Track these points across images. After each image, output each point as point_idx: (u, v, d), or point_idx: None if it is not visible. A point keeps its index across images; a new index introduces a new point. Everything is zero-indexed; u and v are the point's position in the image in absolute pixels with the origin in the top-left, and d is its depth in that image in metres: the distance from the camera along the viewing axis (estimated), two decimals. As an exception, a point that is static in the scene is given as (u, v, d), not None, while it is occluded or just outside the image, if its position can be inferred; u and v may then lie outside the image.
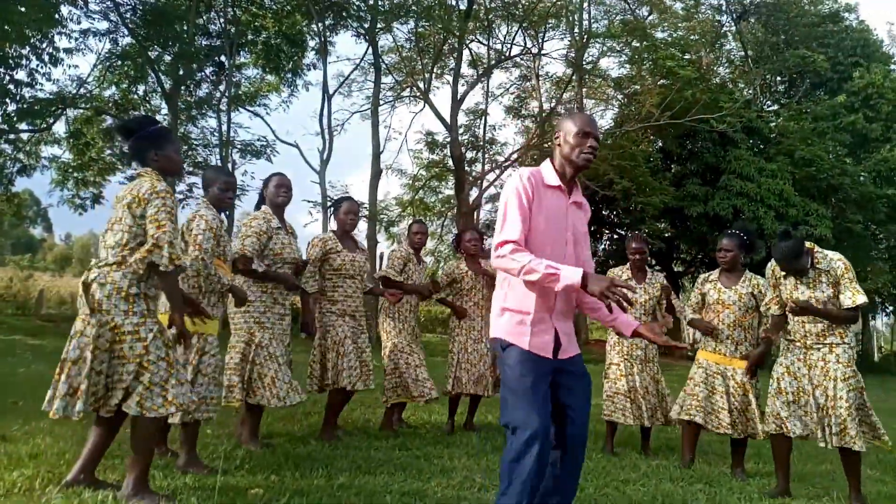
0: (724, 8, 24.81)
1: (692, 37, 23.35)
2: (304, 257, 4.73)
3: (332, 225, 5.15)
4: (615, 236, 24.36)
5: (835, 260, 3.86)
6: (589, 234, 2.77)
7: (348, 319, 4.80)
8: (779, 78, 26.62)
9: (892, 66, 27.08)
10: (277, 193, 4.47)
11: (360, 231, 21.27)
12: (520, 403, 2.49)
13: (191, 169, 19.44)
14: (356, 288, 4.88)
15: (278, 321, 4.31)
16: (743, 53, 25.10)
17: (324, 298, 4.80)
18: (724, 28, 25.29)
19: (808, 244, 3.89)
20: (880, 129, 23.76)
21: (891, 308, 28.49)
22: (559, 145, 2.66)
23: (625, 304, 2.40)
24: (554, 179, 2.63)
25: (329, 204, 5.40)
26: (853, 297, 3.74)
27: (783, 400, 3.93)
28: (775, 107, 26.37)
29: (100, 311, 2.89)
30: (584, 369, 2.69)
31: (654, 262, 24.07)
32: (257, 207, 4.57)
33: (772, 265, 4.10)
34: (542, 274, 2.42)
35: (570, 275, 2.40)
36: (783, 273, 3.99)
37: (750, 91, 24.76)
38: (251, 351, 4.16)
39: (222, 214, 3.93)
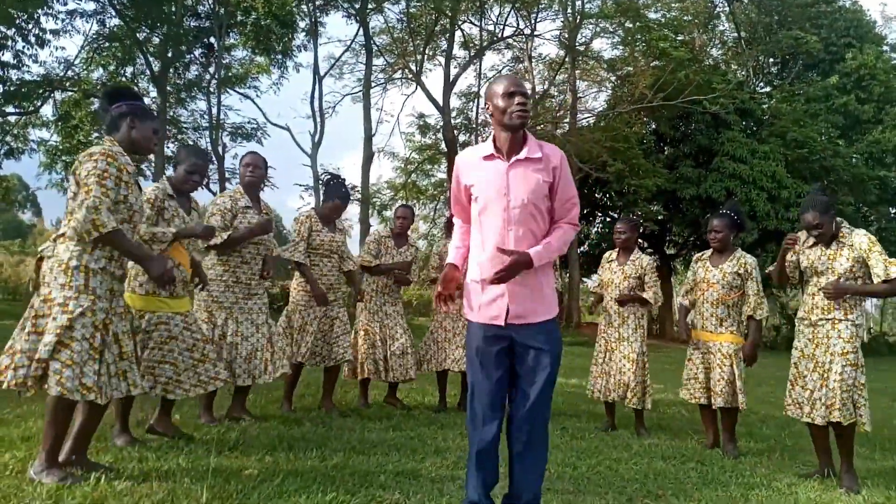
0: (717, -12, 24.66)
1: (685, 17, 23.24)
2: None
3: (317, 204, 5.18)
4: (608, 219, 24.38)
5: (860, 235, 3.85)
6: (575, 195, 2.73)
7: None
8: (772, 59, 26.55)
9: (885, 48, 27.05)
10: (245, 172, 4.51)
11: (353, 214, 21.21)
12: (472, 377, 2.71)
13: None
14: (331, 266, 5.02)
15: (242, 300, 4.33)
16: (736, 34, 24.99)
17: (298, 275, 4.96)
18: (717, 9, 25.15)
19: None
20: (872, 111, 23.79)
21: (881, 289, 28.65)
22: (492, 114, 2.69)
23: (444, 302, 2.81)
24: (487, 150, 2.70)
25: (324, 181, 5.40)
26: (887, 268, 3.70)
27: (801, 384, 3.97)
28: (768, 88, 26.32)
29: (44, 284, 2.85)
30: (546, 339, 2.64)
31: (646, 244, 24.14)
32: (223, 187, 4.59)
33: (802, 234, 4.08)
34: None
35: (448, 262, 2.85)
36: (810, 244, 4.00)
37: (743, 72, 24.71)
38: (209, 331, 4.18)
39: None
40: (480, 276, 2.67)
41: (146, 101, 18.81)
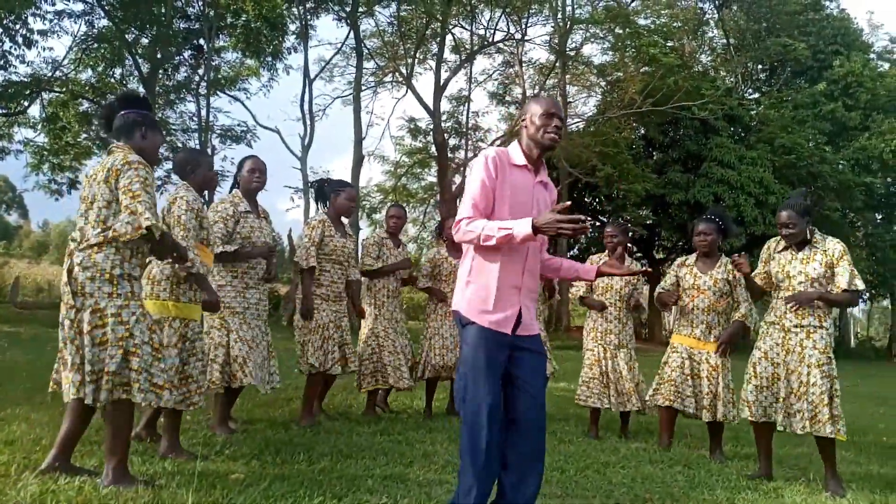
0: (706, -5, 24.87)
1: (675, 24, 23.43)
2: (285, 242, 4.75)
3: (313, 208, 5.12)
4: (597, 223, 24.48)
5: (834, 242, 3.88)
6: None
7: (332, 303, 4.80)
8: (760, 66, 26.81)
9: (872, 55, 27.39)
10: (251, 179, 4.40)
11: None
12: (473, 381, 2.61)
13: (169, 154, 19.21)
14: (341, 273, 4.87)
15: (253, 305, 4.28)
16: (725, 41, 25.22)
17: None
18: (707, 16, 25.39)
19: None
20: (859, 118, 24.06)
21: (867, 295, 28.96)
22: (525, 127, 2.75)
23: (579, 229, 2.44)
24: (521, 159, 2.73)
25: (324, 183, 5.31)
26: (851, 280, 3.74)
27: (755, 384, 3.97)
28: (756, 95, 26.58)
29: (83, 295, 2.84)
30: (541, 348, 2.79)
31: (635, 249, 24.25)
32: (231, 191, 4.52)
33: (770, 242, 4.14)
34: (498, 237, 2.52)
35: (523, 227, 2.49)
36: (780, 248, 4.03)
37: (731, 79, 24.93)
38: (224, 336, 4.12)
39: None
40: (500, 284, 2.63)
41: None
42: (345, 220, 5.02)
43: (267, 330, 4.41)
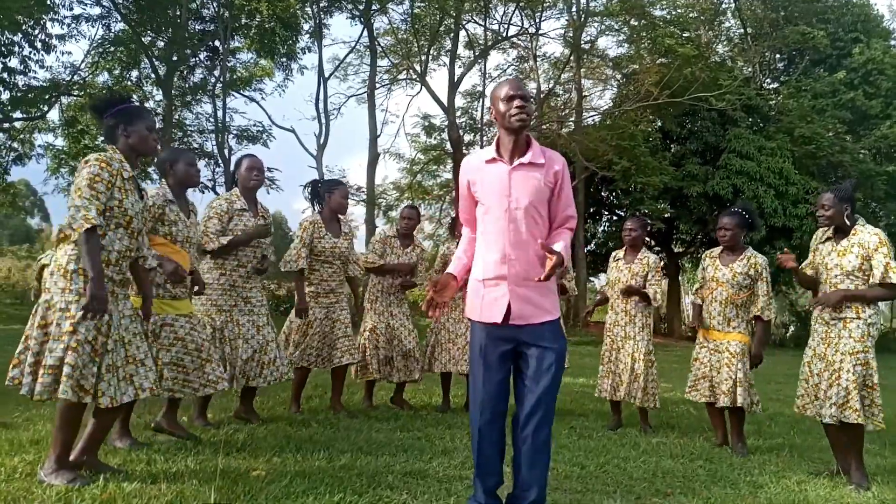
0: (722, -16, 24.57)
1: (691, 14, 23.15)
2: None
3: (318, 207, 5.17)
4: (614, 217, 24.32)
5: (871, 234, 3.81)
6: (580, 204, 2.79)
7: (321, 300, 4.93)
8: (778, 55, 26.40)
9: (893, 42, 26.84)
10: (250, 177, 4.48)
11: (359, 216, 21.21)
12: (472, 376, 2.74)
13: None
14: (333, 272, 4.99)
15: (242, 303, 4.32)
16: (742, 31, 24.88)
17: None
18: (723, 5, 25.04)
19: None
20: (880, 106, 23.62)
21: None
22: (495, 119, 2.73)
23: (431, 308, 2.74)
24: (490, 154, 2.73)
25: (319, 183, 5.42)
26: (885, 272, 3.67)
27: (812, 383, 3.96)
28: (775, 84, 26.20)
29: (46, 290, 2.88)
30: (551, 338, 2.66)
31: (653, 242, 24.06)
32: (230, 189, 4.58)
33: (817, 232, 4.11)
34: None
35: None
36: (823, 239, 4.00)
37: (749, 69, 24.58)
38: (208, 334, 4.14)
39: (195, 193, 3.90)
40: (484, 276, 2.71)
41: (150, 104, 18.80)
42: (342, 218, 5.10)
43: (268, 321, 4.44)
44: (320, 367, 4.97)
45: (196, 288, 3.96)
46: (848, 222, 3.88)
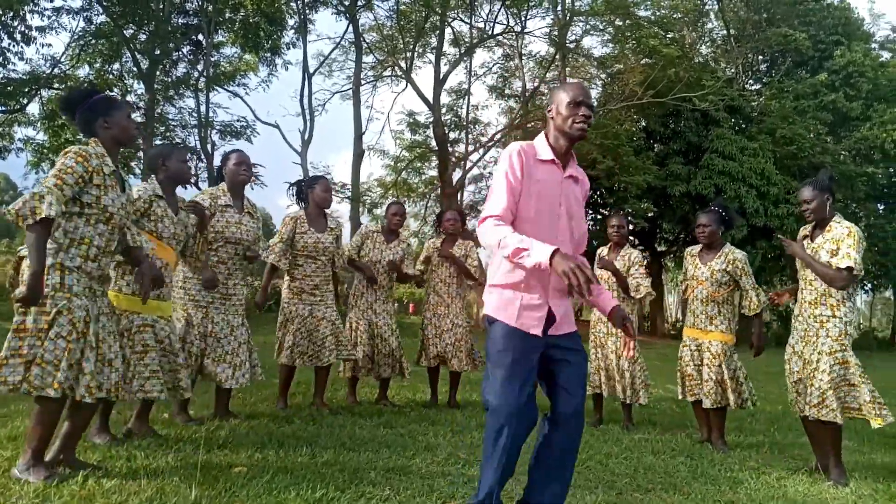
0: (706, -14, 24.76)
1: (675, 15, 23.31)
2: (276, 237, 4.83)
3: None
4: (598, 216, 24.44)
5: (844, 227, 3.85)
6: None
7: (305, 297, 4.90)
8: (761, 56, 26.68)
9: (873, 45, 27.24)
10: (238, 171, 4.40)
11: (345, 212, 21.14)
12: (498, 381, 2.47)
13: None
14: (317, 267, 4.95)
15: (219, 300, 4.25)
16: (725, 32, 25.10)
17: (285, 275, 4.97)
18: (707, 6, 25.24)
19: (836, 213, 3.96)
20: (860, 108, 23.95)
21: (869, 286, 28.92)
22: (552, 118, 2.59)
23: (584, 291, 2.22)
24: (547, 153, 2.57)
25: (302, 182, 5.42)
26: (841, 258, 3.72)
27: (793, 380, 4.01)
28: (757, 85, 26.48)
29: (22, 283, 2.80)
30: (580, 346, 2.63)
31: (636, 241, 24.22)
32: (215, 185, 4.50)
33: (801, 230, 4.16)
34: (513, 248, 2.33)
35: (539, 253, 2.29)
36: (802, 237, 4.05)
37: (732, 70, 24.81)
38: (186, 330, 4.12)
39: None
40: (522, 282, 2.53)
41: (132, 98, 18.54)
42: (328, 212, 5.09)
43: (243, 322, 4.39)
44: (307, 364, 4.93)
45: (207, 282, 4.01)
46: (829, 214, 3.92)
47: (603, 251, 5.28)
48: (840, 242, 3.79)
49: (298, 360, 4.88)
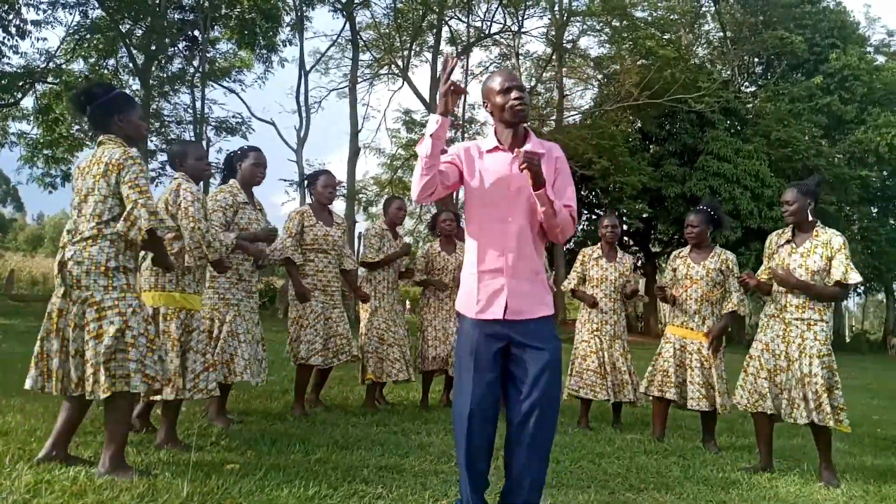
0: (703, -12, 24.84)
1: (671, 16, 23.38)
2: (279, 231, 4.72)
3: (310, 199, 5.09)
4: (593, 216, 24.48)
5: (835, 236, 3.85)
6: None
7: (318, 294, 4.80)
8: (756, 59, 26.77)
9: (868, 49, 27.36)
10: (256, 172, 4.34)
11: (339, 210, 21.16)
12: (459, 375, 2.60)
13: (164, 147, 19.11)
14: (328, 262, 4.85)
15: (245, 298, 4.24)
16: (721, 34, 25.18)
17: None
18: (703, 8, 25.32)
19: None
20: (855, 111, 24.06)
21: (862, 289, 29.06)
22: (491, 112, 2.66)
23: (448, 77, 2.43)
24: (490, 143, 2.67)
25: (305, 177, 5.36)
26: (846, 273, 3.72)
27: (753, 374, 3.97)
28: (753, 88, 26.57)
29: (78, 288, 2.83)
30: (545, 338, 2.55)
31: (631, 242, 24.28)
32: (224, 181, 4.44)
33: (771, 236, 4.14)
34: (422, 145, 2.48)
35: (430, 124, 2.48)
36: (782, 242, 4.02)
37: (728, 72, 24.90)
38: (216, 328, 4.10)
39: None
40: (480, 268, 2.59)
41: (127, 92, 18.65)
42: (332, 208, 5.02)
43: (258, 321, 4.40)
44: (320, 365, 4.77)
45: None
46: (811, 217, 3.91)
47: (594, 252, 5.20)
48: (836, 252, 3.79)
49: (314, 359, 4.71)
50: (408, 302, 23.95)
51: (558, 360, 2.55)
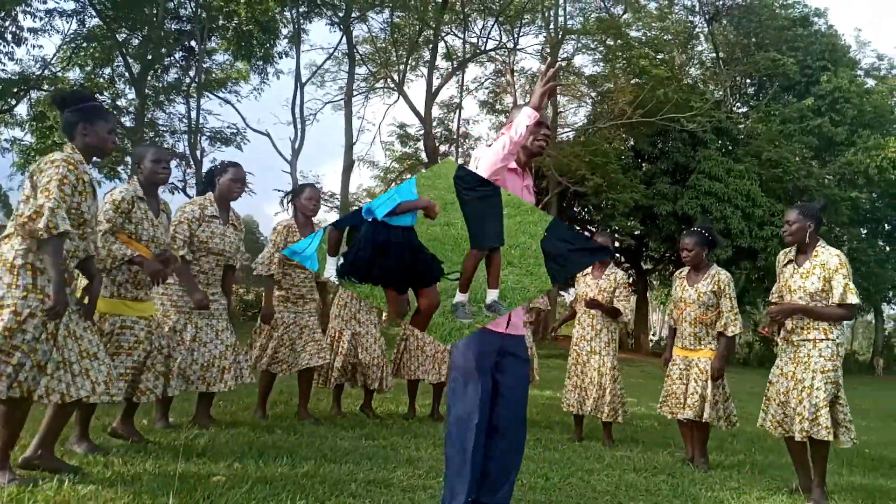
0: (696, 9, 25.11)
1: (665, 37, 23.61)
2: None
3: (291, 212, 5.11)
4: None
5: (833, 255, 3.86)
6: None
7: (290, 306, 4.87)
8: (749, 80, 27.04)
9: (859, 72, 27.70)
10: (233, 188, 4.38)
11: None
12: (464, 384, 2.67)
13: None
14: (305, 277, 4.91)
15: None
16: (714, 55, 25.45)
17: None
18: (697, 29, 25.60)
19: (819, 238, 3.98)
20: (845, 133, 24.30)
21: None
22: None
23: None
24: (513, 164, 2.84)
25: (289, 192, 5.36)
26: (843, 294, 3.74)
27: (772, 400, 4.00)
28: (745, 108, 26.81)
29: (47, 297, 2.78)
30: (525, 354, 2.86)
31: (623, 259, 24.33)
32: (202, 192, 4.46)
33: (779, 255, 4.18)
34: (515, 129, 2.61)
35: (525, 115, 2.63)
36: (785, 262, 4.06)
37: (720, 92, 25.14)
38: (170, 337, 4.03)
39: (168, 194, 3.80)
40: None
41: (122, 102, 18.40)
42: (317, 222, 5.03)
43: (227, 326, 4.37)
44: (286, 372, 4.91)
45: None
46: (810, 240, 3.93)
47: (586, 269, 5.23)
48: (834, 272, 3.80)
49: (276, 367, 4.83)
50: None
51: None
